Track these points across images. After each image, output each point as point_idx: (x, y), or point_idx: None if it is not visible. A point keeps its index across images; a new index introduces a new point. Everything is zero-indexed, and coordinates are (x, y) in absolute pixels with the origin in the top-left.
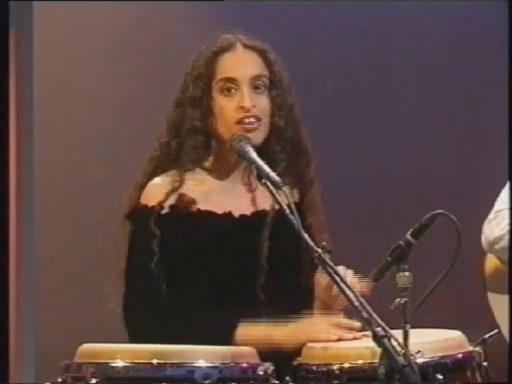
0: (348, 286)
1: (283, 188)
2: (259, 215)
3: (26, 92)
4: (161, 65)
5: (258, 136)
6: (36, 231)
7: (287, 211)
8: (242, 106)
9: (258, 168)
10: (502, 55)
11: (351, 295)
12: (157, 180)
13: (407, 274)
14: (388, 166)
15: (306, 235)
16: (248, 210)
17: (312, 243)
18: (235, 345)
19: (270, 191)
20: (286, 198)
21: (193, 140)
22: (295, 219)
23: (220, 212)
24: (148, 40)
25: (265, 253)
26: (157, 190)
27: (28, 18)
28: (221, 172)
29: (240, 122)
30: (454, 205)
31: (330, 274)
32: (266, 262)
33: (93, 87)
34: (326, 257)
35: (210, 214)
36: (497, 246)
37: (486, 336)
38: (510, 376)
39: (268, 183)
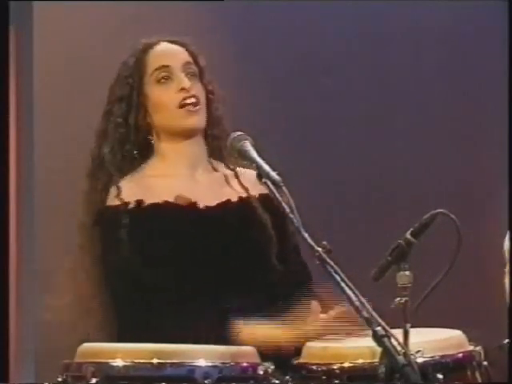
0: (348, 285)
1: (283, 187)
2: (223, 206)
3: (25, 92)
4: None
5: (201, 120)
6: (36, 231)
7: (287, 210)
8: (182, 87)
9: (259, 167)
10: (502, 55)
11: (351, 295)
12: (119, 184)
13: (407, 273)
14: (388, 166)
15: (306, 234)
16: (212, 200)
17: (312, 242)
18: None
19: (271, 190)
20: (286, 197)
21: (115, 135)
22: (295, 218)
23: (184, 204)
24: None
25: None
26: (118, 192)
27: (28, 18)
28: (171, 163)
29: (182, 105)
30: (453, 205)
31: (329, 274)
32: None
33: (93, 87)
34: (326, 256)
35: (175, 206)
36: None
37: (505, 342)
38: (510, 376)
39: (268, 182)
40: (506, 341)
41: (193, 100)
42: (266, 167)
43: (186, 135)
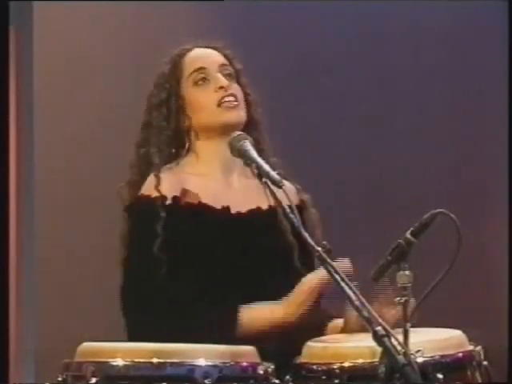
0: (348, 285)
1: (283, 187)
2: (255, 212)
3: (25, 92)
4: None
5: (241, 114)
6: (36, 231)
7: (287, 210)
8: (220, 85)
9: (259, 167)
10: (502, 55)
11: (351, 294)
12: (155, 174)
13: (407, 272)
14: (388, 166)
15: (306, 234)
16: (244, 206)
17: (312, 242)
18: (240, 330)
19: (271, 190)
20: (286, 196)
21: (160, 136)
22: (295, 218)
23: (218, 207)
24: (148, 40)
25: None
26: (158, 183)
27: (28, 18)
28: (206, 165)
29: (221, 102)
30: (454, 205)
31: (330, 273)
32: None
33: (93, 87)
34: (326, 256)
35: (209, 209)
36: None
37: None
38: (510, 376)
39: (268, 182)
40: None
41: (231, 98)
42: (266, 167)
43: (226, 133)
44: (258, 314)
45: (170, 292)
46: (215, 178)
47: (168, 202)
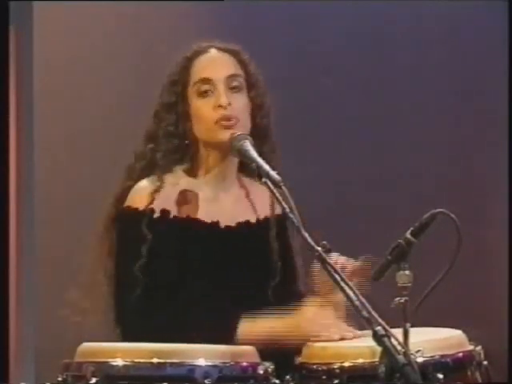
0: (348, 285)
1: (283, 187)
2: (244, 226)
3: (25, 91)
4: (161, 64)
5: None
6: (36, 231)
7: (287, 210)
8: (219, 104)
9: (259, 167)
10: (502, 55)
11: (351, 294)
12: (142, 183)
13: (407, 272)
14: (388, 165)
15: (306, 234)
16: (233, 220)
17: (312, 242)
18: (238, 343)
19: (271, 190)
20: (286, 196)
21: (168, 145)
22: (295, 218)
23: (208, 221)
24: (148, 40)
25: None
26: (143, 194)
27: (28, 18)
28: (203, 177)
29: (218, 121)
30: (454, 205)
31: (329, 273)
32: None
33: (93, 87)
34: (326, 256)
35: (197, 222)
36: None
37: None
38: (510, 376)
39: (268, 182)
40: None
41: (228, 118)
42: (266, 167)
43: (222, 149)
44: (256, 328)
45: (165, 306)
46: (207, 191)
47: (156, 215)
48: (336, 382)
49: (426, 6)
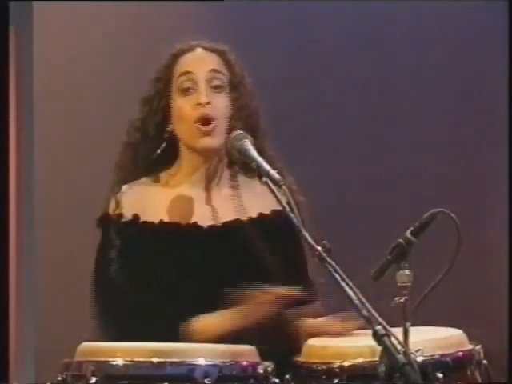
0: (348, 284)
1: (283, 186)
2: (227, 226)
3: (25, 92)
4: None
5: (214, 141)
6: (36, 231)
7: (287, 209)
8: (199, 101)
9: (259, 166)
10: (502, 55)
11: (351, 293)
12: (123, 188)
13: (407, 272)
14: (388, 165)
15: (306, 234)
16: (215, 220)
17: (312, 242)
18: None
19: (271, 189)
20: (286, 196)
21: (132, 138)
22: (295, 217)
23: (184, 223)
24: (148, 40)
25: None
26: (120, 200)
27: (28, 18)
28: (186, 177)
29: (197, 121)
30: (454, 204)
31: (329, 273)
32: (234, 272)
33: (93, 87)
34: (326, 255)
35: (173, 225)
36: None
37: None
38: (510, 376)
39: (268, 181)
40: None
41: (207, 117)
42: (266, 166)
43: (202, 153)
44: (208, 323)
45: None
46: (189, 192)
47: (125, 219)
48: (336, 381)
49: (426, 5)
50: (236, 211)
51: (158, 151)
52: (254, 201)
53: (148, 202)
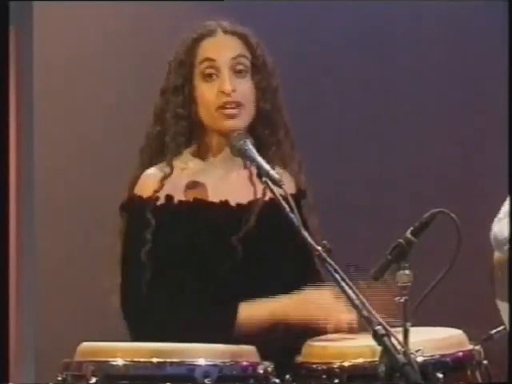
0: (348, 285)
1: (283, 186)
2: (255, 203)
3: (25, 92)
4: (161, 64)
5: (239, 123)
6: (36, 231)
7: (287, 209)
8: (222, 90)
9: (258, 166)
10: (502, 55)
11: (351, 294)
12: (150, 170)
13: (407, 272)
14: (388, 165)
15: (306, 233)
16: (244, 198)
17: (312, 241)
18: (239, 328)
19: (271, 189)
20: (286, 196)
21: (176, 127)
22: (295, 217)
23: (216, 201)
24: (148, 39)
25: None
26: (150, 181)
27: (28, 18)
28: (211, 160)
29: (220, 107)
30: (454, 204)
31: (330, 273)
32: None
33: (93, 86)
34: (326, 256)
35: (206, 203)
36: (506, 247)
37: (493, 331)
38: (510, 376)
39: (268, 181)
40: (494, 331)
41: (232, 105)
42: (266, 166)
43: (225, 135)
44: (256, 311)
45: (162, 295)
46: (214, 172)
47: (161, 202)
48: (336, 381)
49: (426, 6)
50: (254, 191)
51: (190, 134)
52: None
53: (178, 182)
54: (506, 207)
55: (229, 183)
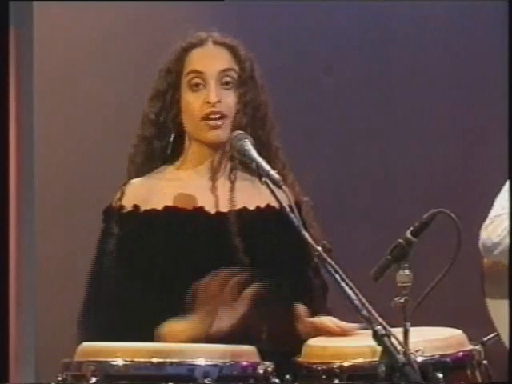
0: (348, 285)
1: (283, 186)
2: (234, 213)
3: (26, 91)
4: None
5: (222, 134)
6: (36, 231)
7: (287, 210)
8: (208, 100)
9: (259, 166)
10: (502, 55)
11: (351, 294)
12: (130, 181)
13: (407, 272)
14: (388, 165)
15: (306, 234)
16: (225, 207)
17: (312, 242)
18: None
19: (271, 189)
20: (286, 196)
21: (145, 132)
22: (295, 218)
23: (190, 208)
24: (148, 39)
25: (240, 250)
26: (123, 191)
27: (28, 18)
28: (192, 169)
29: (205, 118)
30: (454, 204)
31: (329, 273)
32: (243, 259)
33: (93, 86)
34: (326, 255)
35: (178, 211)
36: (495, 252)
37: (485, 339)
38: (510, 376)
39: (268, 181)
40: (487, 338)
41: (216, 116)
42: (266, 166)
43: (209, 145)
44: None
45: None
46: (195, 182)
47: (125, 210)
48: (336, 381)
49: (426, 6)
50: (237, 202)
51: (170, 143)
52: (251, 194)
53: (153, 193)
54: (493, 212)
55: (211, 193)
